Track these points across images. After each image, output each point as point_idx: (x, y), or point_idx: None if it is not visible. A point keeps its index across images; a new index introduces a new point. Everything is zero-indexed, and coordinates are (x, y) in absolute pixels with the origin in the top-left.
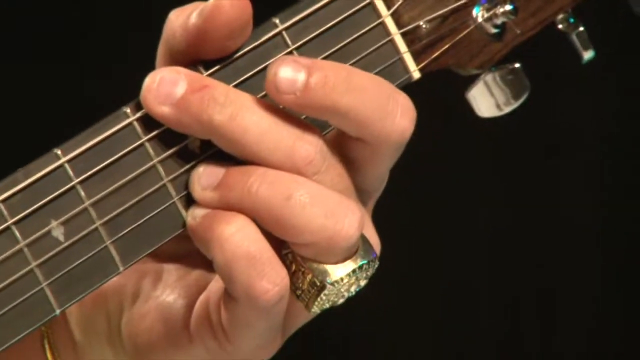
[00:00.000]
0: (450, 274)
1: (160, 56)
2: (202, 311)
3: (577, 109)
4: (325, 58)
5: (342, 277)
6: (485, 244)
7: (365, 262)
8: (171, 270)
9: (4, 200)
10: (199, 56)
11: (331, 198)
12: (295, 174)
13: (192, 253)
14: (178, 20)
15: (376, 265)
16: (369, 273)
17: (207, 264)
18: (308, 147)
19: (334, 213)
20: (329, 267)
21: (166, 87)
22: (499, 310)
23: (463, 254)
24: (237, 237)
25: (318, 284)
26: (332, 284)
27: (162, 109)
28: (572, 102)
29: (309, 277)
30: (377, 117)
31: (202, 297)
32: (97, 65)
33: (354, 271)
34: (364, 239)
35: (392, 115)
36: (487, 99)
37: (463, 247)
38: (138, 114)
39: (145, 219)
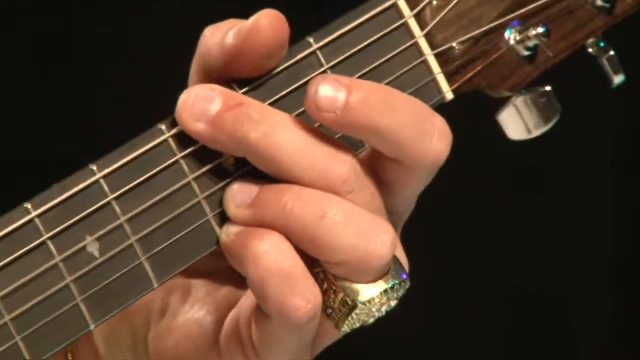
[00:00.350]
0: (462, 284)
1: (194, 73)
2: (233, 328)
3: (585, 113)
4: (359, 78)
5: (374, 297)
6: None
7: (397, 282)
8: (200, 287)
9: (39, 215)
10: (234, 75)
11: (365, 218)
12: (329, 193)
13: (221, 270)
14: (214, 39)
15: (407, 286)
16: (400, 293)
17: (236, 281)
18: (342, 166)
19: (367, 233)
20: (361, 287)
21: (201, 104)
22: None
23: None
24: (271, 254)
25: (350, 303)
26: (363, 303)
27: (197, 126)
28: (580, 107)
29: (340, 296)
30: (414, 139)
31: (232, 314)
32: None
33: (385, 291)
34: (395, 259)
35: (430, 137)
36: (517, 122)
37: (476, 257)
38: (173, 131)
39: (179, 235)
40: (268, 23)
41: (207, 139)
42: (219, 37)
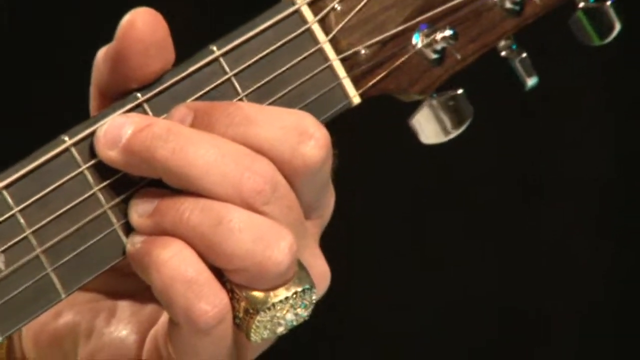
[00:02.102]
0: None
1: (92, 99)
2: (152, 344)
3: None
4: (264, 84)
5: (274, 303)
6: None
7: (298, 289)
8: (125, 307)
9: None
10: (128, 83)
11: (261, 224)
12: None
13: (145, 290)
14: (99, 55)
15: (314, 295)
16: (305, 301)
17: (156, 301)
18: (257, 178)
19: (264, 239)
20: (261, 294)
21: (114, 131)
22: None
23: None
24: (174, 261)
25: (251, 310)
26: (263, 310)
27: (109, 154)
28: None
29: (242, 304)
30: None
31: (152, 331)
32: None
33: (286, 298)
34: (300, 266)
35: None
36: (429, 126)
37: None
38: (75, 139)
39: (86, 245)
40: (141, 19)
41: (121, 164)
42: (102, 50)
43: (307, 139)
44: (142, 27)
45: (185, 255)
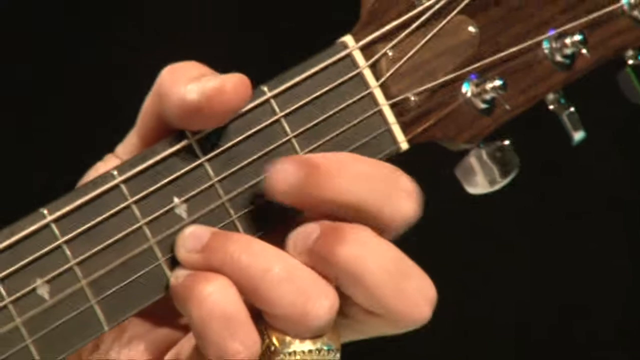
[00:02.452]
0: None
1: (147, 113)
2: None
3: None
4: (313, 126)
5: (297, 351)
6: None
7: (324, 347)
8: (137, 325)
9: None
10: (187, 125)
11: (308, 277)
12: (277, 248)
13: (159, 311)
14: (175, 87)
15: (336, 357)
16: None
17: (174, 323)
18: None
19: (308, 293)
20: (288, 339)
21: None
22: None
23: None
24: (216, 296)
25: (272, 349)
26: (284, 353)
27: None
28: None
29: (267, 341)
30: (380, 204)
31: (172, 353)
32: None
33: (310, 351)
34: (334, 329)
35: (397, 199)
36: (475, 177)
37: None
38: (125, 176)
39: (130, 279)
40: (233, 87)
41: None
42: (181, 88)
43: (408, 195)
44: (232, 94)
45: (228, 292)
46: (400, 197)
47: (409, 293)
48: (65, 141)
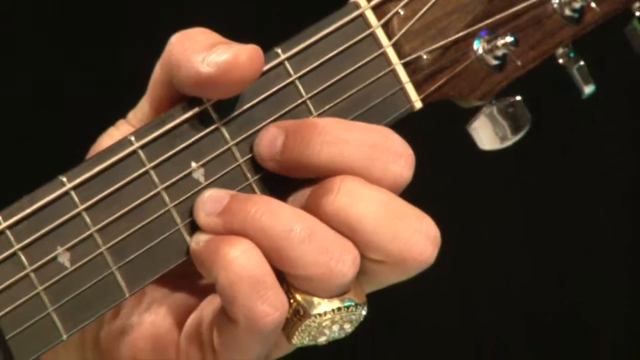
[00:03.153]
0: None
1: (158, 81)
2: (194, 330)
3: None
4: (327, 87)
5: (326, 311)
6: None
7: (352, 303)
8: (155, 289)
9: (10, 227)
10: (201, 95)
11: (329, 236)
12: (297, 208)
13: (177, 275)
14: (187, 57)
15: (363, 312)
16: (354, 317)
17: (193, 286)
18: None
19: (331, 250)
20: (316, 300)
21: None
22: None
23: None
24: (242, 259)
25: (301, 312)
26: (314, 315)
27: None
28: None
29: (294, 304)
30: (366, 167)
31: (194, 316)
32: None
33: (339, 309)
34: (358, 284)
35: (385, 162)
36: (488, 132)
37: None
38: (142, 142)
39: (150, 245)
40: (247, 58)
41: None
42: (194, 58)
43: (398, 157)
44: (247, 66)
45: (254, 254)
46: (389, 160)
47: (406, 234)
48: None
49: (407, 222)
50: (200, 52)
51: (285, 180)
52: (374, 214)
